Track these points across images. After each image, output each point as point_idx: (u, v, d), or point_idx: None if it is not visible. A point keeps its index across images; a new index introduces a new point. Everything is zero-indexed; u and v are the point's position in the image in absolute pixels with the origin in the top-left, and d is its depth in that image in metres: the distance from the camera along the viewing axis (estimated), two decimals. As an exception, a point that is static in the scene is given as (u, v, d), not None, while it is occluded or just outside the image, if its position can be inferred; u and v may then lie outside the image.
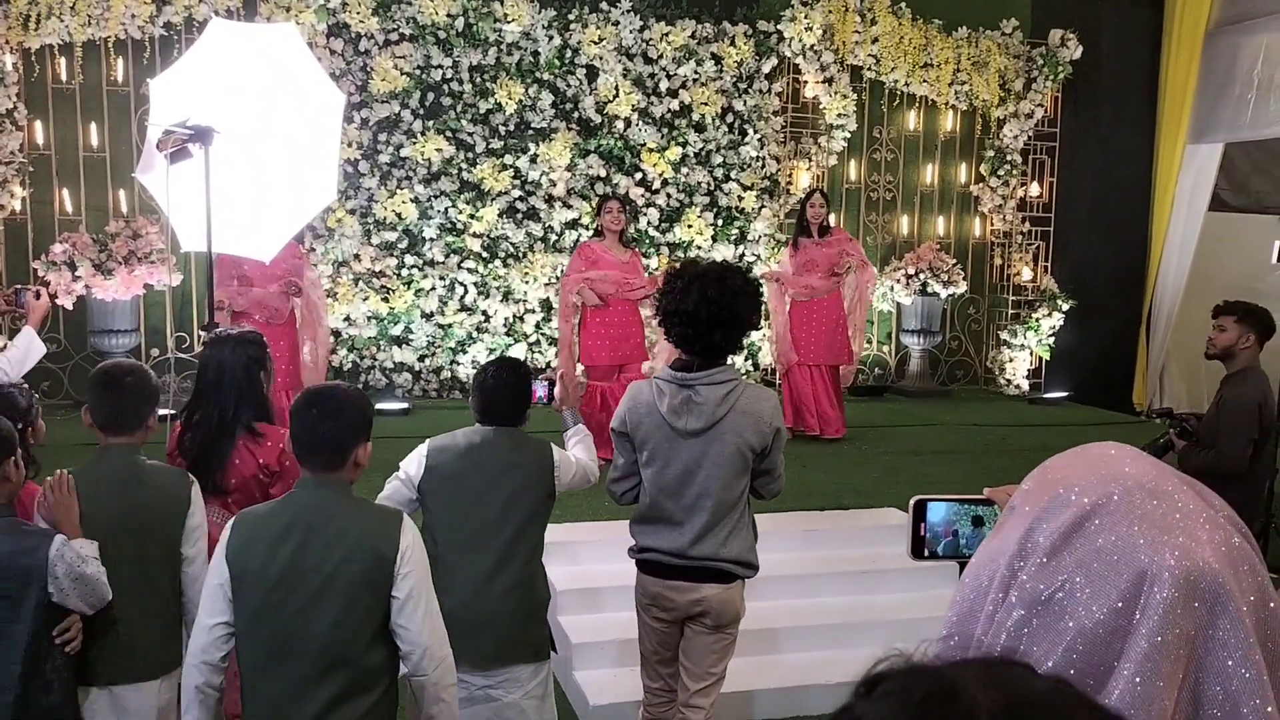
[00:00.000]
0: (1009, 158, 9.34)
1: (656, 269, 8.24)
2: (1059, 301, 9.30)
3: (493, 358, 3.45)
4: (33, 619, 2.47)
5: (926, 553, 1.44)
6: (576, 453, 3.27)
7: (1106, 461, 1.02)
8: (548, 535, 4.78)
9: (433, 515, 3.02)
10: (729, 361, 3.07)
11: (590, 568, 4.86)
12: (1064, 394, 9.33)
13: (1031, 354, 9.52)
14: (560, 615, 4.63)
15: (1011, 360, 9.52)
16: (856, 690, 0.72)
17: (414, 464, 3.05)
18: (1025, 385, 9.50)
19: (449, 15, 7.98)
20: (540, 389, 3.29)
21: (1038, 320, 9.34)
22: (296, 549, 2.26)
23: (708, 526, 3.03)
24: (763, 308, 3.27)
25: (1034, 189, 9.57)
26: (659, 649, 3.22)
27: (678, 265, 3.17)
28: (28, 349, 3.54)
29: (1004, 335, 9.52)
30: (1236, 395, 4.25)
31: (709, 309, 2.93)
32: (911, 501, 1.45)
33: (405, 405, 7.71)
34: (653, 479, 3.07)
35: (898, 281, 9.05)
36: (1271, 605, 0.94)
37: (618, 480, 3.20)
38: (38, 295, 3.90)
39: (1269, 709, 0.90)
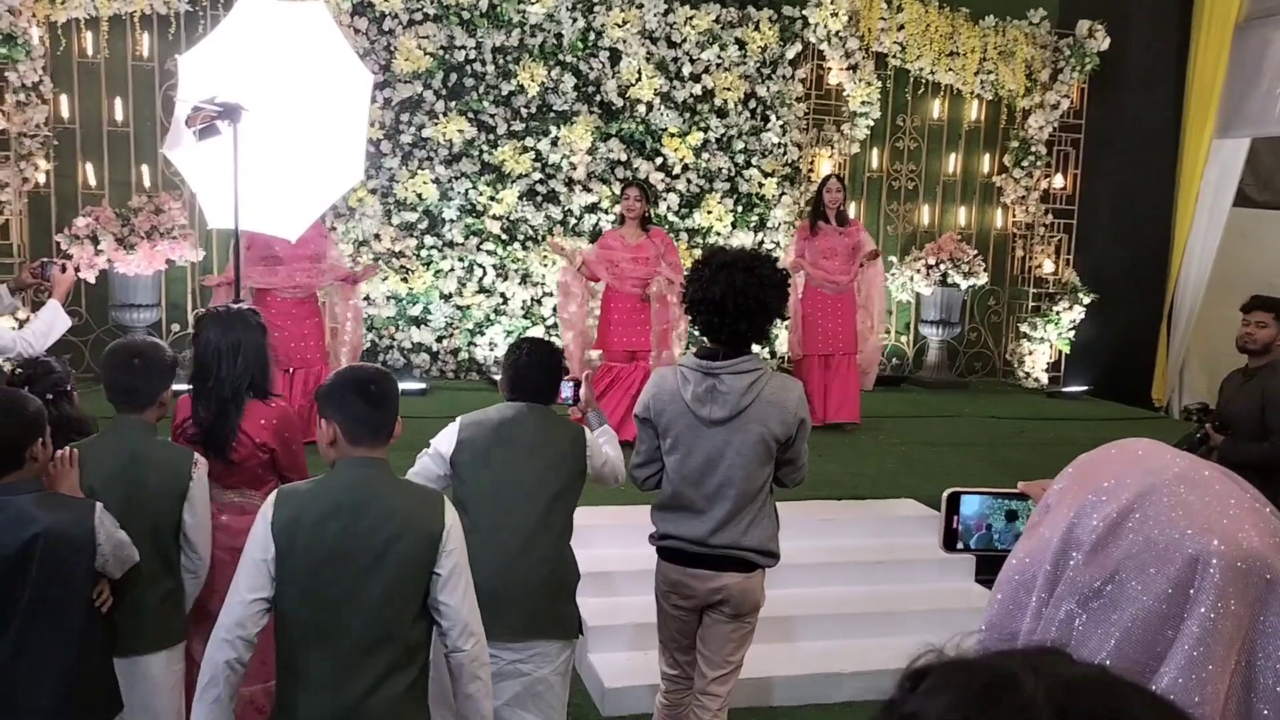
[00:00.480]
0: (1033, 149, 9.28)
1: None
2: (1080, 295, 9.25)
3: (523, 337, 3.43)
4: (85, 587, 2.54)
5: (960, 545, 1.44)
6: (606, 450, 3.26)
7: (1141, 456, 1.01)
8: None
9: (465, 488, 3.03)
10: (754, 350, 3.07)
11: (605, 551, 4.86)
12: (1083, 388, 9.28)
13: (1051, 347, 9.47)
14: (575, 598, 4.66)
15: (1031, 353, 9.47)
16: (900, 685, 0.72)
17: (446, 439, 3.06)
18: (1044, 378, 9.46)
19: (473, -5, 7.97)
20: (566, 390, 3.28)
21: (1058, 313, 9.28)
22: (346, 526, 2.29)
23: (730, 515, 3.03)
24: (790, 297, 3.25)
25: (1058, 181, 9.51)
26: (677, 636, 3.23)
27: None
28: (52, 322, 3.57)
29: (1024, 328, 9.48)
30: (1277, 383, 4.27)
31: (736, 299, 2.91)
32: (945, 494, 1.45)
33: (423, 386, 7.73)
34: (675, 467, 3.07)
35: (918, 272, 9.01)
36: None
37: (640, 466, 3.19)
38: (63, 269, 3.92)
39: None
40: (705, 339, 3.07)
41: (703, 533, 3.06)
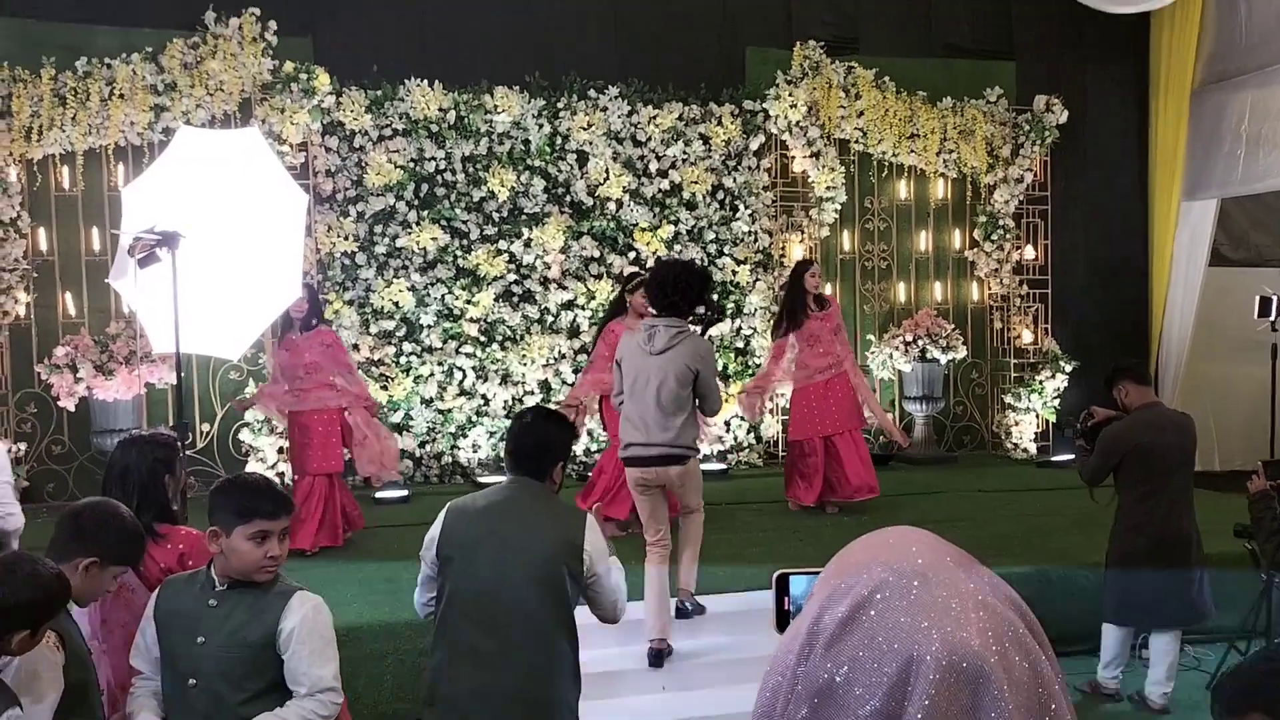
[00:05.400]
0: (1001, 222, 9.39)
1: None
2: (1061, 363, 9.25)
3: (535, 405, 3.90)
4: None
5: None
6: (614, 572, 3.03)
7: (890, 548, 1.02)
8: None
9: (449, 585, 2.89)
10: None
11: (603, 652, 4.69)
12: (1073, 456, 9.20)
13: (1037, 417, 9.45)
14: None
15: (1017, 424, 9.44)
16: None
17: (431, 532, 2.98)
18: (1033, 449, 9.41)
19: (440, 109, 8.19)
20: None
21: (1041, 383, 9.28)
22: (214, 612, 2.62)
23: (664, 418, 4.59)
24: (713, 291, 5.23)
25: (1029, 252, 9.60)
26: (652, 512, 4.77)
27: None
28: None
29: (1008, 399, 9.47)
30: (1113, 426, 4.89)
31: (674, 281, 4.69)
32: (774, 576, 1.45)
33: (405, 493, 7.72)
34: (629, 387, 4.70)
35: (896, 349, 9.04)
36: (1044, 677, 0.94)
37: (618, 395, 4.85)
38: None
39: None
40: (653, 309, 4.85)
41: (645, 438, 4.62)
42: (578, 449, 8.21)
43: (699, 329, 4.88)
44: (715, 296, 4.97)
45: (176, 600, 2.61)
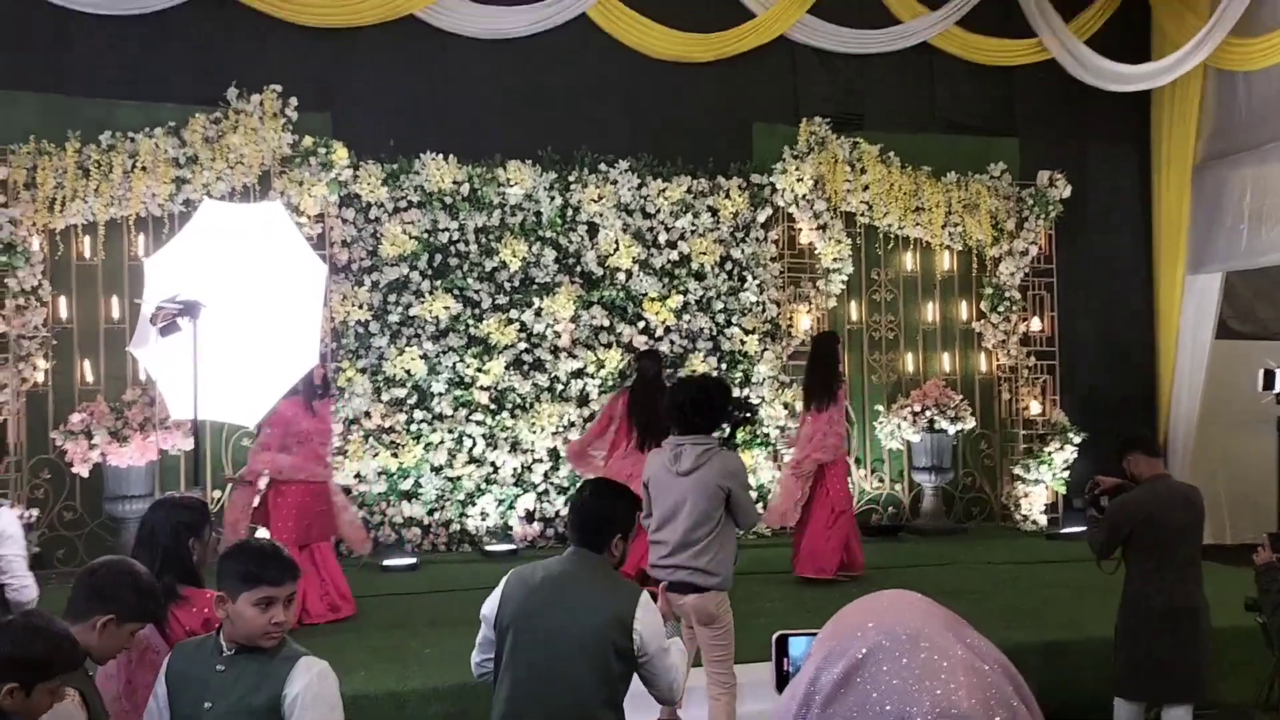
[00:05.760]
0: (1007, 294, 9.48)
1: None
2: (1070, 435, 9.26)
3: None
4: None
5: None
6: (672, 654, 3.02)
7: (885, 611, 1.06)
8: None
9: (505, 654, 2.91)
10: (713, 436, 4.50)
11: None
12: (1083, 528, 9.15)
13: (1047, 488, 9.42)
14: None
15: (1027, 495, 9.41)
16: None
17: (491, 598, 3.00)
18: (1043, 520, 9.37)
19: (454, 182, 8.37)
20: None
21: (1050, 454, 9.27)
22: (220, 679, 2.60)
23: (684, 541, 4.26)
24: (731, 399, 4.73)
25: (1035, 324, 9.67)
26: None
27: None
28: None
29: (1017, 470, 9.45)
30: (1122, 498, 4.82)
31: (692, 403, 4.45)
32: (774, 637, 1.48)
33: (413, 560, 7.71)
34: (658, 511, 4.40)
35: (904, 419, 9.07)
36: None
37: (647, 516, 4.40)
38: None
39: None
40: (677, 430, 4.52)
41: (663, 557, 4.32)
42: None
43: (732, 427, 4.72)
44: (739, 397, 4.69)
45: (186, 664, 2.63)
